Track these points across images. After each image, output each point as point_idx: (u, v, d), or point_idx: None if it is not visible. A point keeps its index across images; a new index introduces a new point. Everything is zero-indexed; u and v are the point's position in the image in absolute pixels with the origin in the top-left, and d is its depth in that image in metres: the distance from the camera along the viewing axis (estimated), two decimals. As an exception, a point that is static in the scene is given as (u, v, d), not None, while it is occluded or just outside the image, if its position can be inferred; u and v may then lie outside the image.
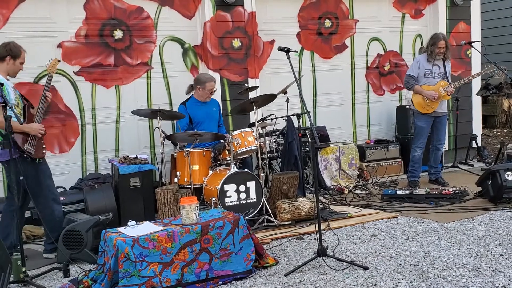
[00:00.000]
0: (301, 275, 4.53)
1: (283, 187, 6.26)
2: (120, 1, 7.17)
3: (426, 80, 7.50)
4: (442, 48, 7.39)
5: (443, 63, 7.50)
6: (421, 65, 7.54)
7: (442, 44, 7.38)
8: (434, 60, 7.47)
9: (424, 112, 7.54)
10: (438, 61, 7.50)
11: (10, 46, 5.27)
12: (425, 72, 7.50)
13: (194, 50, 7.70)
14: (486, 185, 6.66)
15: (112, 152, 7.25)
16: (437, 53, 7.41)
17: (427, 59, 7.52)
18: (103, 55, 7.12)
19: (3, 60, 5.21)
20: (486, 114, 11.59)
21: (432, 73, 7.49)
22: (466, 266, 4.53)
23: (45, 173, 5.39)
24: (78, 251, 5.14)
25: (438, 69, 7.50)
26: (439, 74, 7.49)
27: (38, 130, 5.23)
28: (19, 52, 5.30)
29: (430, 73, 7.50)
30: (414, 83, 7.53)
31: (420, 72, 7.53)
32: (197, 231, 4.49)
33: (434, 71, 7.49)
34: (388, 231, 5.64)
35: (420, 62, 7.57)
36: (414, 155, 7.64)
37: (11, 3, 6.59)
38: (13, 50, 5.24)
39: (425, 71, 7.50)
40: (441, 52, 7.41)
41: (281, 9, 8.25)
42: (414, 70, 7.58)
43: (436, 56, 7.44)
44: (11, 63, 5.24)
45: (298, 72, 8.33)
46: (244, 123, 7.39)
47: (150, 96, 7.44)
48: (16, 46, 5.30)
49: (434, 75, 7.49)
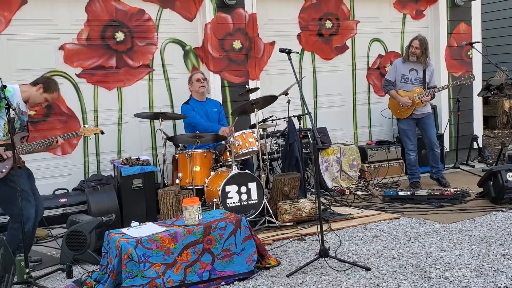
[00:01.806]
0: (303, 276, 4.55)
1: (284, 188, 6.27)
2: (122, 3, 7.20)
3: (402, 85, 7.47)
4: (415, 48, 7.32)
5: (423, 69, 7.41)
6: (398, 69, 7.52)
7: (415, 43, 7.34)
8: (409, 62, 7.41)
9: (398, 117, 7.58)
10: (416, 65, 7.41)
11: (50, 80, 5.21)
12: (401, 77, 7.48)
13: (195, 52, 7.72)
14: (487, 186, 6.66)
15: (114, 153, 7.27)
16: (410, 53, 7.37)
17: (403, 61, 7.51)
18: (105, 57, 7.14)
19: (35, 85, 5.09)
20: (487, 115, 11.59)
21: (409, 78, 7.44)
22: (468, 266, 4.54)
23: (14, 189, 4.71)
24: (81, 252, 5.16)
25: (415, 74, 7.42)
26: (416, 79, 7.42)
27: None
28: (53, 90, 5.16)
29: (406, 78, 7.45)
30: (390, 88, 7.54)
31: (396, 77, 7.52)
32: (199, 232, 4.51)
33: (410, 77, 7.43)
34: (390, 232, 5.66)
35: (397, 66, 7.56)
36: (409, 159, 7.63)
37: (13, 6, 6.61)
38: (50, 84, 5.14)
39: (401, 76, 7.47)
40: (414, 52, 7.33)
41: (282, 11, 8.27)
42: (391, 74, 7.60)
43: (410, 57, 7.39)
44: (39, 92, 5.07)
45: (299, 73, 8.35)
46: (245, 125, 7.40)
47: (152, 98, 7.47)
48: (55, 84, 5.20)
49: (411, 80, 7.43)
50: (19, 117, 4.89)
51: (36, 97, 5.11)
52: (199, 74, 7.07)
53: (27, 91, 5.08)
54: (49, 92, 5.13)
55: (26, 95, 5.07)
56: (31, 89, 5.10)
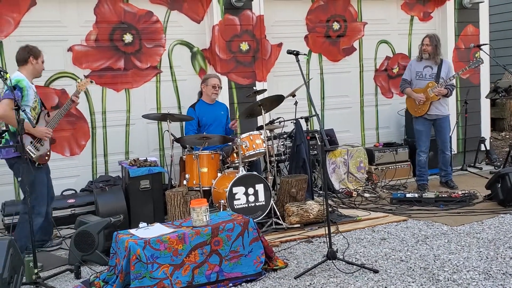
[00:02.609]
0: (311, 278, 4.54)
1: (291, 190, 6.27)
2: (130, 5, 7.22)
3: (417, 82, 7.54)
4: (426, 45, 7.40)
5: (438, 66, 7.46)
6: (413, 67, 7.61)
7: (426, 40, 7.44)
8: (423, 59, 7.48)
9: (416, 115, 7.58)
10: (430, 63, 7.47)
11: (29, 47, 5.39)
12: (416, 75, 7.55)
13: (203, 54, 7.74)
14: (495, 188, 6.65)
15: (122, 154, 7.30)
16: (422, 50, 7.45)
17: (417, 60, 7.59)
18: (113, 59, 7.16)
19: (27, 62, 5.32)
20: (494, 117, 11.56)
21: (423, 75, 7.49)
22: (476, 269, 4.53)
23: (41, 181, 5.40)
24: (89, 252, 5.18)
25: (430, 71, 7.48)
26: (431, 75, 7.46)
27: (44, 133, 5.30)
28: (39, 51, 5.43)
29: (420, 75, 7.52)
30: (406, 86, 7.61)
31: (412, 75, 7.59)
32: (207, 233, 4.52)
33: (425, 73, 7.49)
34: (398, 234, 5.65)
35: (412, 64, 7.66)
36: (420, 160, 7.64)
37: (22, 7, 6.65)
38: (33, 50, 5.37)
39: (416, 73, 7.55)
40: (425, 50, 7.41)
41: (289, 12, 8.28)
42: (407, 73, 7.69)
43: (422, 54, 7.46)
44: (35, 63, 5.36)
45: (306, 74, 8.34)
46: (252, 126, 7.41)
47: (159, 99, 7.49)
48: (34, 46, 5.43)
49: (425, 77, 7.48)
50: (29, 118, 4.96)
51: (38, 68, 5.43)
52: (216, 79, 7.02)
53: (28, 71, 5.32)
54: (39, 55, 5.44)
55: (30, 74, 5.35)
56: (27, 68, 5.34)
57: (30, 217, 4.56)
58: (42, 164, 5.36)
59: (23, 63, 5.32)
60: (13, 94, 4.56)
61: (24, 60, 5.32)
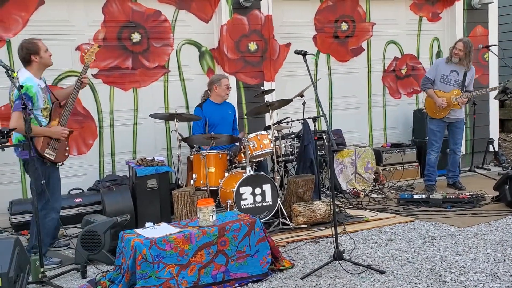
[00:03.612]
0: (317, 278, 4.53)
1: (298, 190, 6.26)
2: (138, 5, 7.23)
3: (441, 85, 7.44)
4: (458, 50, 7.28)
5: (464, 72, 7.38)
6: (439, 68, 7.49)
7: (459, 45, 7.30)
8: (452, 63, 7.38)
9: (433, 116, 7.53)
10: (458, 67, 7.37)
11: (25, 45, 5.22)
12: (441, 77, 7.45)
13: (211, 53, 7.74)
14: (503, 189, 6.61)
15: (130, 154, 7.31)
16: (454, 54, 7.34)
17: (446, 62, 7.48)
18: (121, 58, 7.18)
19: (30, 61, 5.21)
20: (503, 118, 11.50)
21: (448, 79, 7.41)
22: (484, 271, 4.50)
23: (56, 177, 5.41)
24: (96, 252, 5.18)
25: (455, 76, 7.39)
26: (456, 81, 7.38)
27: (60, 133, 5.26)
28: (36, 44, 5.24)
29: (445, 79, 7.42)
30: (429, 86, 7.52)
31: (436, 76, 7.49)
32: (213, 233, 4.51)
33: (450, 78, 7.40)
34: (405, 235, 5.63)
35: (439, 65, 7.54)
36: (430, 158, 7.61)
37: (30, 6, 6.67)
38: (30, 47, 5.20)
39: (441, 76, 7.45)
40: (457, 54, 7.30)
41: (298, 12, 8.27)
42: (432, 72, 7.57)
43: (452, 58, 7.37)
44: (38, 58, 5.21)
45: (314, 75, 8.33)
46: (260, 126, 7.40)
47: (167, 99, 7.49)
48: (28, 42, 5.24)
49: (450, 81, 7.40)
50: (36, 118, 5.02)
51: (44, 61, 5.28)
52: (227, 80, 7.07)
53: (34, 68, 5.23)
54: (38, 48, 5.21)
55: (38, 69, 5.27)
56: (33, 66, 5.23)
57: (36, 215, 4.59)
58: (62, 163, 5.37)
59: (27, 63, 5.24)
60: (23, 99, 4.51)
61: (27, 60, 5.22)
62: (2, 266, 3.96)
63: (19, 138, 5.15)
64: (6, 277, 3.94)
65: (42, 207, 5.25)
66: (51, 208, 5.35)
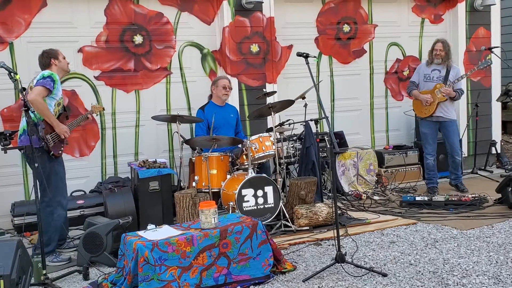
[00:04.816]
0: (319, 281, 4.53)
1: (300, 193, 6.26)
2: (140, 7, 7.24)
3: (424, 84, 7.54)
4: (438, 51, 7.38)
5: (446, 69, 7.43)
6: (421, 70, 7.63)
7: (438, 46, 7.41)
8: (433, 63, 7.47)
9: (422, 116, 7.57)
10: (439, 66, 7.45)
11: (45, 52, 5.56)
12: (424, 77, 7.55)
13: (213, 55, 7.74)
14: (506, 192, 6.60)
15: (132, 156, 7.31)
16: (435, 56, 7.43)
17: (426, 64, 7.59)
18: (123, 60, 7.18)
19: (50, 65, 5.49)
20: (505, 120, 11.48)
21: (431, 77, 7.49)
22: (486, 273, 4.50)
23: (57, 173, 5.47)
24: (98, 254, 5.19)
25: (438, 73, 7.46)
26: (438, 77, 7.44)
27: (63, 131, 5.42)
28: (55, 50, 5.58)
29: (428, 77, 7.51)
30: (413, 88, 7.63)
31: (420, 77, 7.60)
32: (215, 236, 4.51)
33: (432, 75, 7.48)
34: (407, 238, 5.62)
35: (420, 68, 7.69)
36: (427, 163, 7.63)
37: (33, 8, 6.68)
38: (50, 52, 5.54)
39: (424, 76, 7.55)
40: (439, 55, 7.38)
41: (300, 14, 8.27)
42: (415, 76, 7.72)
43: (434, 59, 7.44)
44: (57, 62, 5.52)
45: (316, 77, 8.33)
46: (262, 128, 7.40)
47: (169, 100, 7.50)
48: (49, 49, 5.60)
49: (433, 79, 7.47)
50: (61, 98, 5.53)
51: (62, 66, 5.59)
52: (226, 80, 7.06)
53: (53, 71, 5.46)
54: (57, 54, 5.57)
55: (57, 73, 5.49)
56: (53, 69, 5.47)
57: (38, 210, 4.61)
58: (55, 156, 5.40)
59: (47, 66, 5.49)
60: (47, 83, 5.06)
61: (47, 64, 5.49)
62: (4, 268, 3.96)
63: (24, 128, 5.24)
64: (9, 279, 3.94)
65: (48, 203, 5.31)
66: (57, 204, 5.41)
